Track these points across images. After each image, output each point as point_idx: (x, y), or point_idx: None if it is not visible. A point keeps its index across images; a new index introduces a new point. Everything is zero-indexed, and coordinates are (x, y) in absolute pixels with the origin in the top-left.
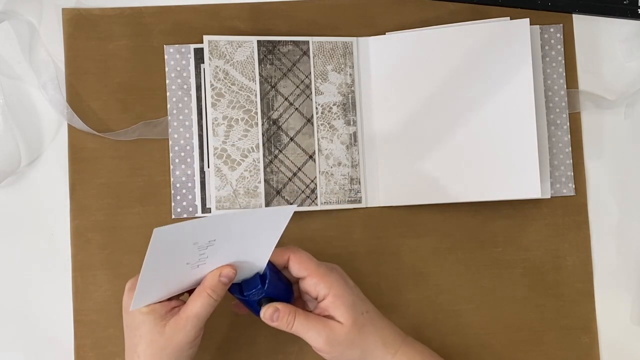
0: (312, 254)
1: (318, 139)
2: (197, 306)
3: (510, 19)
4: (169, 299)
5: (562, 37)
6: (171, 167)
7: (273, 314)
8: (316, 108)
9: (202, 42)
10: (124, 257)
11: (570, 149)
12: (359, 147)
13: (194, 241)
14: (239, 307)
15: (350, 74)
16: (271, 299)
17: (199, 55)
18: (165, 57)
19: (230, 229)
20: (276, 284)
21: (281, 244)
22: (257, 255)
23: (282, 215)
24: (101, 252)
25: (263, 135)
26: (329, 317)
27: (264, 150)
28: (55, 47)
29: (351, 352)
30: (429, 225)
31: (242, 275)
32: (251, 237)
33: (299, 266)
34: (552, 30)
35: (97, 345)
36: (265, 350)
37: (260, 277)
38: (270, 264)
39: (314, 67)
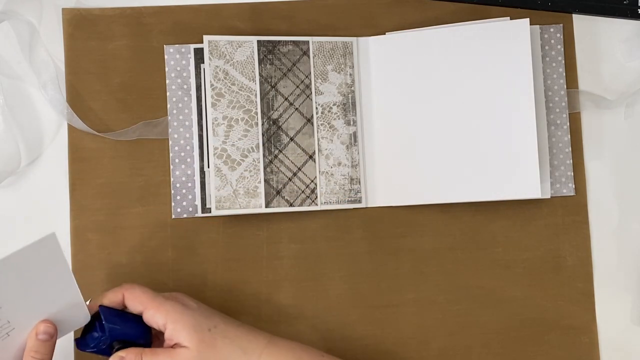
0: (312, 254)
1: (318, 139)
2: None
3: (510, 19)
4: None
5: (562, 37)
6: (171, 167)
7: None
8: (316, 108)
9: (202, 42)
10: (124, 257)
11: (570, 149)
12: (359, 147)
13: None
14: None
15: (350, 74)
16: (125, 341)
17: (199, 55)
18: (165, 57)
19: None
20: (123, 326)
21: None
22: (67, 298)
23: (45, 246)
24: (101, 252)
25: (263, 135)
26: (176, 345)
27: (264, 150)
28: (55, 47)
29: None
30: (429, 225)
31: (71, 327)
32: (37, 283)
33: (133, 302)
34: (552, 30)
35: None
36: None
37: (99, 325)
38: (107, 308)
39: (314, 67)
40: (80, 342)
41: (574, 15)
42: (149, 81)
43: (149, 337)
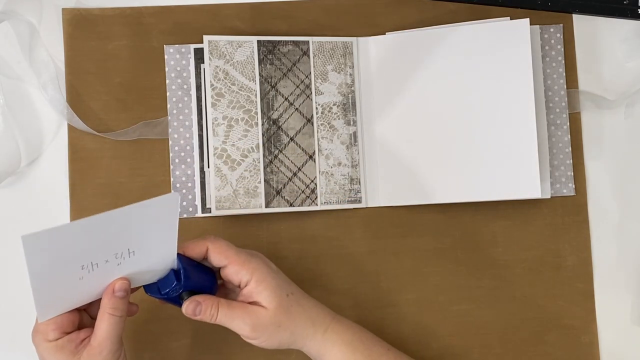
0: (312, 254)
1: (318, 139)
2: (104, 330)
3: (510, 19)
4: (78, 331)
5: (562, 37)
6: (171, 167)
7: (195, 308)
8: (316, 108)
9: (202, 42)
10: None
11: (570, 149)
12: (359, 147)
13: (78, 246)
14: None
15: (350, 74)
16: (193, 291)
17: (199, 55)
18: (165, 57)
19: (115, 229)
20: (195, 277)
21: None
22: (162, 251)
23: (168, 203)
24: None
25: (263, 135)
26: (254, 303)
27: (264, 150)
28: (55, 47)
29: (280, 335)
30: (429, 225)
31: (156, 276)
32: (145, 234)
33: (218, 256)
34: (552, 30)
35: None
36: (265, 350)
37: (175, 273)
38: (184, 258)
39: (314, 67)
40: (150, 287)
41: (574, 15)
42: (149, 81)
43: (216, 289)
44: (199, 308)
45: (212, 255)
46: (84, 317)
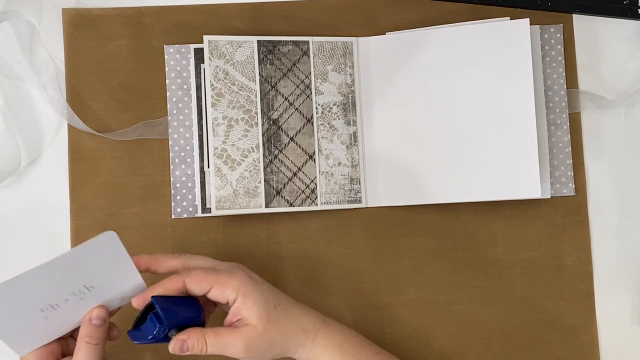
0: (312, 254)
1: (318, 139)
2: (81, 357)
3: (510, 19)
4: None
5: (562, 37)
6: (171, 167)
7: (182, 346)
8: (316, 108)
9: (202, 42)
10: None
11: (570, 149)
12: (359, 147)
13: (30, 295)
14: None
15: (350, 74)
16: (180, 326)
17: (199, 55)
18: (165, 57)
19: (62, 274)
20: (177, 313)
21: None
22: (126, 281)
23: (107, 242)
24: None
25: (263, 135)
26: (243, 319)
27: (264, 150)
28: (55, 47)
29: (273, 349)
30: (429, 225)
31: (129, 296)
32: (98, 271)
33: (198, 285)
34: (552, 30)
35: None
36: None
37: (155, 316)
38: (161, 298)
39: (314, 67)
40: (136, 335)
41: (574, 15)
42: (149, 81)
43: (202, 315)
44: (185, 345)
45: (192, 286)
46: (70, 343)
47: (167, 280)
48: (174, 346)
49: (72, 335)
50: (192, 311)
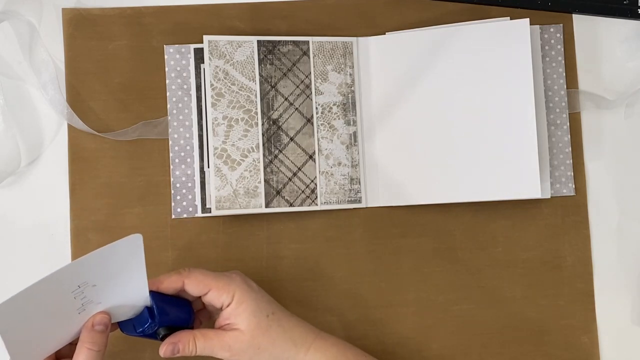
0: (312, 254)
1: (318, 139)
2: None
3: (510, 19)
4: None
5: (562, 37)
6: (171, 167)
7: (173, 349)
8: (316, 108)
9: (202, 42)
10: None
11: (570, 149)
12: (359, 147)
13: (42, 303)
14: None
15: (350, 74)
16: (169, 326)
17: (199, 55)
18: (165, 57)
19: (85, 275)
20: (170, 312)
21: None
22: (133, 291)
23: (131, 244)
24: None
25: (263, 135)
26: (233, 324)
27: (264, 150)
28: (55, 47)
29: (260, 356)
30: (429, 225)
31: (130, 312)
32: (113, 276)
33: (197, 286)
34: (552, 30)
35: None
36: None
37: (148, 311)
38: (157, 294)
39: (314, 67)
40: (126, 326)
41: (574, 15)
42: (149, 81)
43: (192, 319)
44: (176, 348)
45: (190, 287)
46: (64, 346)
47: (166, 278)
48: (165, 350)
49: None
50: (184, 313)
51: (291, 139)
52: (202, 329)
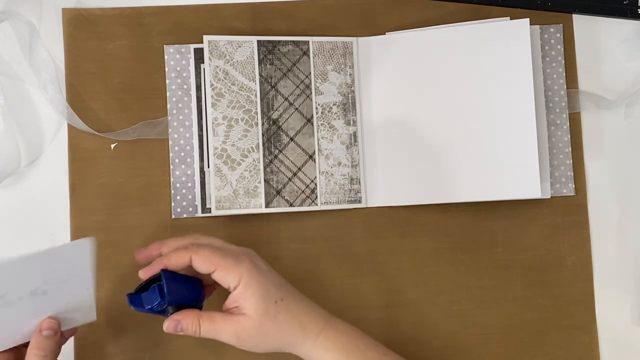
0: (312, 254)
1: (318, 139)
2: None
3: (510, 19)
4: None
5: (562, 37)
6: (171, 167)
7: (176, 326)
8: (316, 108)
9: (202, 42)
10: (124, 257)
11: (570, 149)
12: (359, 147)
13: None
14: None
15: (350, 74)
16: (178, 305)
17: (199, 55)
18: (165, 57)
19: (35, 277)
20: (179, 290)
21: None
22: (80, 296)
23: (79, 249)
24: (101, 252)
25: (263, 135)
26: (239, 308)
27: (264, 150)
28: (55, 47)
29: (267, 342)
30: (429, 225)
31: (79, 320)
32: (62, 281)
33: (203, 264)
34: (552, 30)
35: (97, 344)
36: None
37: (158, 289)
38: (167, 272)
39: (314, 67)
40: (135, 301)
41: (574, 15)
42: (149, 81)
43: (202, 298)
44: (180, 326)
45: (197, 264)
46: (25, 353)
47: (174, 254)
48: (168, 325)
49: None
50: (193, 293)
51: (291, 139)
52: (210, 310)
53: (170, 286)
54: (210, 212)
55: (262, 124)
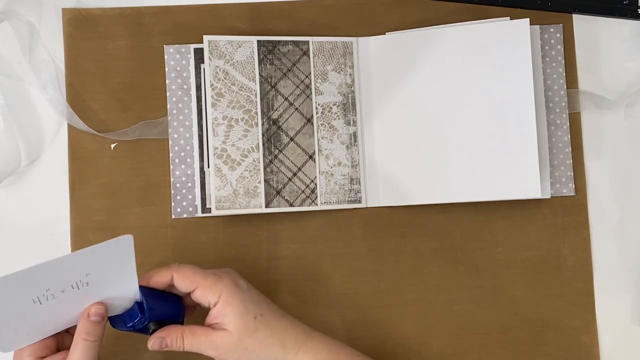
0: (312, 254)
1: (318, 139)
2: (77, 355)
3: (510, 19)
4: (52, 355)
5: (562, 37)
6: (171, 167)
7: (161, 344)
8: (316, 108)
9: (202, 42)
10: None
11: (570, 149)
12: (359, 147)
13: (41, 287)
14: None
15: (350, 74)
16: (159, 321)
17: (199, 55)
18: (165, 57)
19: (78, 269)
20: (160, 307)
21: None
22: (125, 287)
23: (122, 244)
24: None
25: (263, 135)
26: (219, 324)
27: (264, 150)
28: (55, 47)
29: (248, 357)
30: (429, 225)
31: (121, 307)
32: (104, 272)
33: (184, 282)
34: (552, 30)
35: None
36: None
37: (138, 306)
38: (147, 289)
39: (314, 67)
40: (116, 321)
41: (574, 15)
42: (149, 81)
43: (182, 314)
44: (164, 342)
45: (178, 282)
46: (65, 338)
47: (155, 273)
48: (152, 343)
49: (68, 330)
50: (174, 309)
51: (291, 139)
52: (192, 325)
53: (150, 302)
54: (210, 212)
55: (262, 124)
